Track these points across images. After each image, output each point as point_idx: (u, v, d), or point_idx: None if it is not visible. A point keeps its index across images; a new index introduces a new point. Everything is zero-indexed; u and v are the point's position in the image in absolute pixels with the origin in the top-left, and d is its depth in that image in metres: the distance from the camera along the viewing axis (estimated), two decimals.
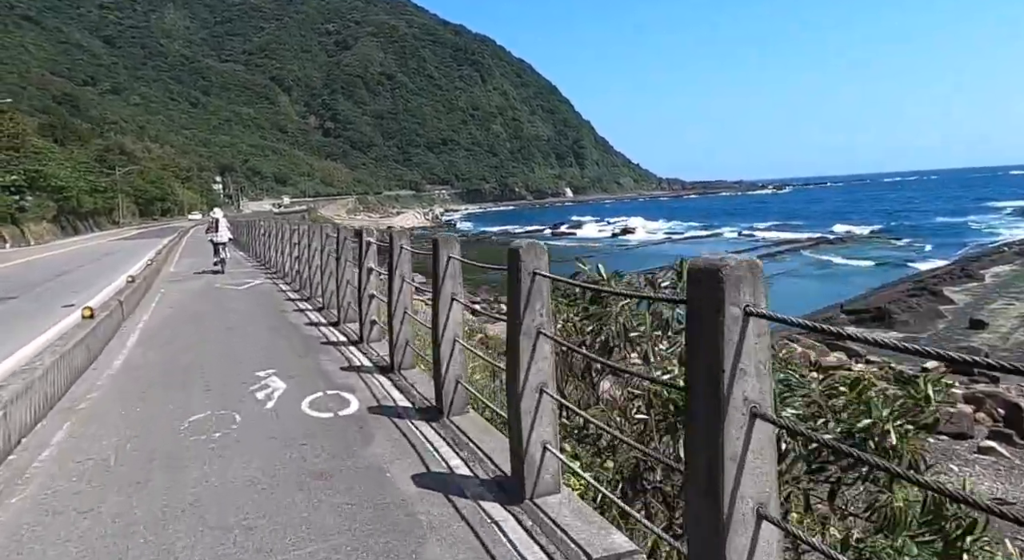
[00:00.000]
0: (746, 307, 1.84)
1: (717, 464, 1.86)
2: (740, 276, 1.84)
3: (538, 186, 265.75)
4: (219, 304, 11.41)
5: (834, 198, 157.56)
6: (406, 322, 5.93)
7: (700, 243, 55.84)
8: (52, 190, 37.01)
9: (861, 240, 52.39)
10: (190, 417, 4.89)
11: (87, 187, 45.16)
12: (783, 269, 36.73)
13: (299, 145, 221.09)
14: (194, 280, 15.24)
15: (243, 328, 8.94)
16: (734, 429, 1.85)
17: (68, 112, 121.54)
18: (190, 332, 8.75)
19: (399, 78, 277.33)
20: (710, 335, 1.86)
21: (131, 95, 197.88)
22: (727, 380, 1.83)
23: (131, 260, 20.22)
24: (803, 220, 79.44)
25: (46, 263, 21.59)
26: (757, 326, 1.86)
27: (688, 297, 1.95)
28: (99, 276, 16.75)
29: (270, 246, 17.57)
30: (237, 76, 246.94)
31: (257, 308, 10.89)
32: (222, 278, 15.31)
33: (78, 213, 45.57)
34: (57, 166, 41.48)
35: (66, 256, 24.67)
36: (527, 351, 3.14)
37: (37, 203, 34.75)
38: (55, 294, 13.61)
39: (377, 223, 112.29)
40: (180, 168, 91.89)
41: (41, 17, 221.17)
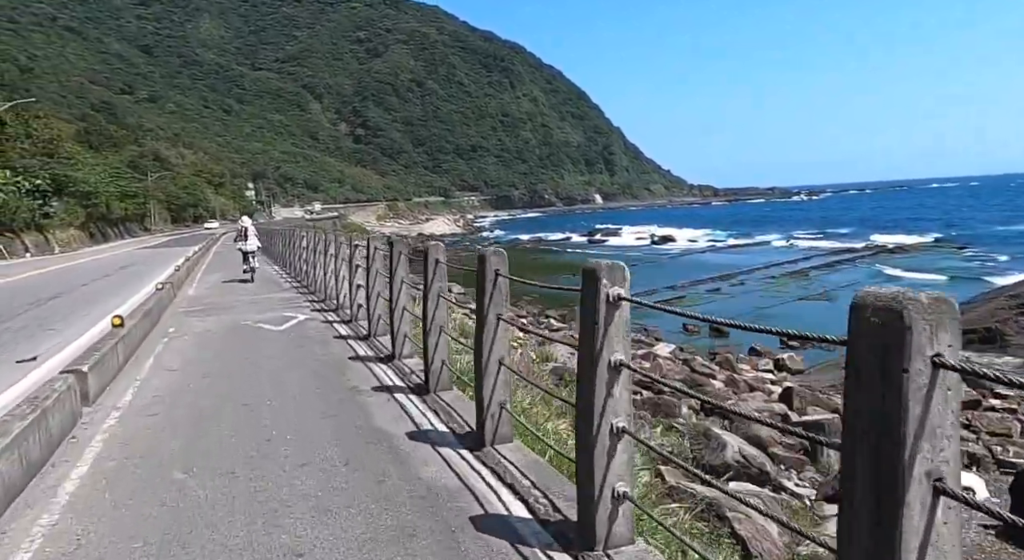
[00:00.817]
0: (936, 357, 1.48)
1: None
2: (932, 317, 1.48)
3: (567, 192, 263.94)
4: (248, 363, 7.47)
5: (875, 205, 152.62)
6: (441, 340, 5.58)
7: (746, 252, 53.16)
8: (80, 195, 35.96)
9: (922, 250, 49.25)
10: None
11: (117, 192, 44.22)
12: (847, 281, 34.09)
13: (330, 152, 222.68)
14: (216, 313, 11.26)
15: (292, 432, 4.95)
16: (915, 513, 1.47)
17: (106, 119, 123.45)
18: (191, 451, 4.61)
19: (429, 85, 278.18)
20: (883, 394, 1.49)
21: (167, 103, 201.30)
22: (907, 452, 1.47)
23: (144, 278, 17.31)
24: (848, 227, 76.12)
25: (49, 278, 18.75)
26: (947, 380, 1.50)
27: (850, 342, 1.55)
28: (95, 302, 13.24)
29: (316, 264, 13.46)
30: (270, 84, 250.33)
31: (310, 378, 6.66)
32: (254, 311, 11.14)
33: (108, 219, 44.54)
34: (89, 171, 40.72)
35: (77, 269, 22.19)
36: (603, 387, 2.83)
37: (64, 209, 33.62)
38: (22, 333, 9.90)
39: (407, 229, 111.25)
40: (213, 174, 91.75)
41: (83, 28, 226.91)
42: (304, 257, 15.27)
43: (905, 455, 1.47)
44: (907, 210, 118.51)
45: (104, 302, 13.19)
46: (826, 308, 27.31)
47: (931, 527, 1.50)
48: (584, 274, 2.82)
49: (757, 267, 40.33)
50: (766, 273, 37.96)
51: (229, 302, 12.51)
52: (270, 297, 13.36)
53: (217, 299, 13.04)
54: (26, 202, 29.04)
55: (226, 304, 12.33)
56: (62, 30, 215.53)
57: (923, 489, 1.48)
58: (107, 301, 13.34)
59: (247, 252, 16.39)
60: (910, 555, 1.49)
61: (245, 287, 15.03)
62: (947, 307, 1.51)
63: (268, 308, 11.69)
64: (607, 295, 2.75)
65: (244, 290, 14.57)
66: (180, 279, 15.33)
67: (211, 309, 11.76)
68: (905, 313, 1.45)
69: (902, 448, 1.47)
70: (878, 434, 1.50)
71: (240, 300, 12.54)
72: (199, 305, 12.40)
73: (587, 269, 2.80)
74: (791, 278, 35.85)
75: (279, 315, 10.84)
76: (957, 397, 1.52)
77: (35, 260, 26.99)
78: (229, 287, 15.32)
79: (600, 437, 2.87)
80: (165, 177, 64.29)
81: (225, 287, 15.37)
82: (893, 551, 1.49)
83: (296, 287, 15.16)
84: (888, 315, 1.47)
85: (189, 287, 15.66)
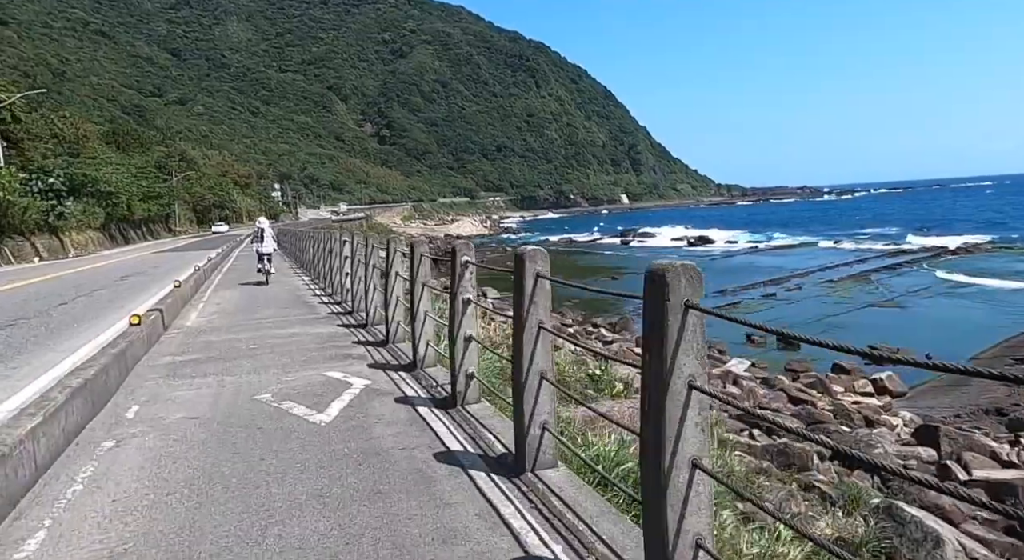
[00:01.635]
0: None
1: None
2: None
3: (593, 193, 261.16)
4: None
5: (912, 204, 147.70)
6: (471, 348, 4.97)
7: (792, 254, 50.31)
8: (100, 195, 34.55)
9: (984, 251, 46.06)
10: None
11: (139, 192, 42.83)
12: (915, 286, 31.42)
13: (355, 153, 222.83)
14: (214, 369, 7.02)
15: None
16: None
17: (135, 122, 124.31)
18: None
19: (454, 85, 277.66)
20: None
21: (195, 105, 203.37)
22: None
23: (140, 294, 14.31)
24: (892, 226, 72.62)
25: (27, 293, 15.19)
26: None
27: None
28: (62, 332, 9.55)
29: (369, 287, 9.27)
30: (296, 85, 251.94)
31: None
32: (276, 368, 6.99)
33: (130, 220, 43.15)
34: (112, 170, 39.47)
35: (76, 277, 19.49)
36: (676, 410, 2.34)
37: (82, 210, 32.10)
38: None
39: (433, 230, 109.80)
40: (239, 175, 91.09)
41: (114, 32, 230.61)
42: (347, 271, 11.34)
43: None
44: (948, 209, 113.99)
45: (76, 331, 9.47)
46: (899, 316, 24.79)
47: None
48: (650, 277, 2.36)
49: (810, 270, 37.70)
50: (822, 276, 35.34)
51: (239, 344, 8.28)
52: (302, 333, 8.82)
53: (224, 336, 8.93)
54: (37, 202, 27.40)
55: (235, 348, 8.09)
56: (94, 34, 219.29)
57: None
58: (77, 333, 9.38)
59: (263, 254, 16.13)
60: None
61: (267, 315, 10.81)
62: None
63: (300, 357, 7.38)
64: (679, 302, 2.31)
65: (264, 319, 10.32)
66: (178, 302, 11.58)
67: (209, 361, 7.40)
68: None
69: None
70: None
71: (257, 339, 8.61)
72: (194, 348, 8.15)
73: (654, 271, 2.34)
74: (852, 282, 33.23)
75: (318, 378, 6.36)
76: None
77: (41, 266, 24.78)
78: (245, 310, 11.37)
79: (674, 472, 2.35)
80: (191, 177, 63.15)
81: (239, 312, 11.31)
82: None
83: (336, 312, 10.87)
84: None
85: (192, 311, 11.72)
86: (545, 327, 3.66)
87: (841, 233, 65.67)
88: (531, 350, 3.66)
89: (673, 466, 2.35)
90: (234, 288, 15.66)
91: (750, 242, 61.86)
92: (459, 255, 4.88)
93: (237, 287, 15.84)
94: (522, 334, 3.67)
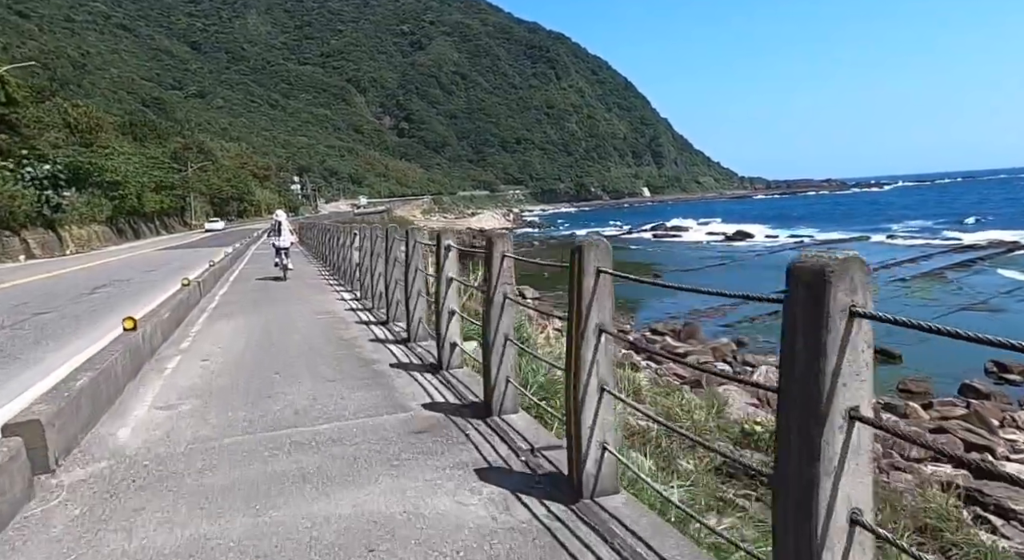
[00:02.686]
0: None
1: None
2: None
3: (614, 186, 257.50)
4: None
5: (948, 196, 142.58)
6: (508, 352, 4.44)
7: (842, 250, 46.88)
8: (107, 186, 32.10)
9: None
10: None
11: (150, 183, 40.37)
12: (1002, 286, 28.21)
13: (374, 145, 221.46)
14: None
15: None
16: None
17: (155, 115, 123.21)
18: None
19: (473, 77, 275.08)
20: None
21: (214, 98, 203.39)
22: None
23: (117, 309, 10.70)
24: (939, 220, 68.82)
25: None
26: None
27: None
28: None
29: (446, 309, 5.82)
30: (315, 78, 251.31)
31: None
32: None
33: (141, 213, 40.71)
34: (123, 160, 37.17)
35: (40, 286, 15.65)
36: (835, 446, 1.81)
37: (86, 201, 29.58)
38: None
39: (454, 224, 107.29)
40: (258, 166, 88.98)
41: (134, 25, 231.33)
42: (411, 289, 7.17)
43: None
44: (992, 202, 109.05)
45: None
46: (1002, 321, 21.71)
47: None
48: (798, 274, 1.83)
49: (873, 267, 34.42)
50: (890, 275, 32.19)
51: (245, 459, 3.95)
52: (355, 432, 4.37)
53: (216, 421, 4.73)
54: (29, 192, 24.70)
55: (231, 474, 3.74)
56: (115, 28, 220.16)
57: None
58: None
59: (281, 248, 15.72)
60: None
61: (294, 403, 5.19)
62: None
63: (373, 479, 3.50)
64: (842, 308, 1.78)
65: (288, 389, 5.57)
66: (153, 338, 7.39)
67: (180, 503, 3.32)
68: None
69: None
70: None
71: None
72: (155, 472, 3.81)
73: (809, 267, 1.82)
74: (928, 281, 30.05)
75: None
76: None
77: (24, 266, 21.47)
78: (246, 387, 5.72)
79: (831, 530, 1.84)
80: (207, 168, 60.82)
81: (234, 392, 5.56)
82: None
83: (406, 357, 6.63)
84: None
85: (173, 354, 7.25)
86: (608, 331, 3.18)
87: (896, 227, 62.07)
88: (591, 356, 3.16)
89: (833, 519, 1.83)
90: (240, 314, 10.11)
91: (793, 237, 58.46)
92: (496, 247, 4.41)
93: (245, 312, 10.33)
94: (579, 339, 3.16)
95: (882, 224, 67.96)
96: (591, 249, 3.11)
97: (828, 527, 1.83)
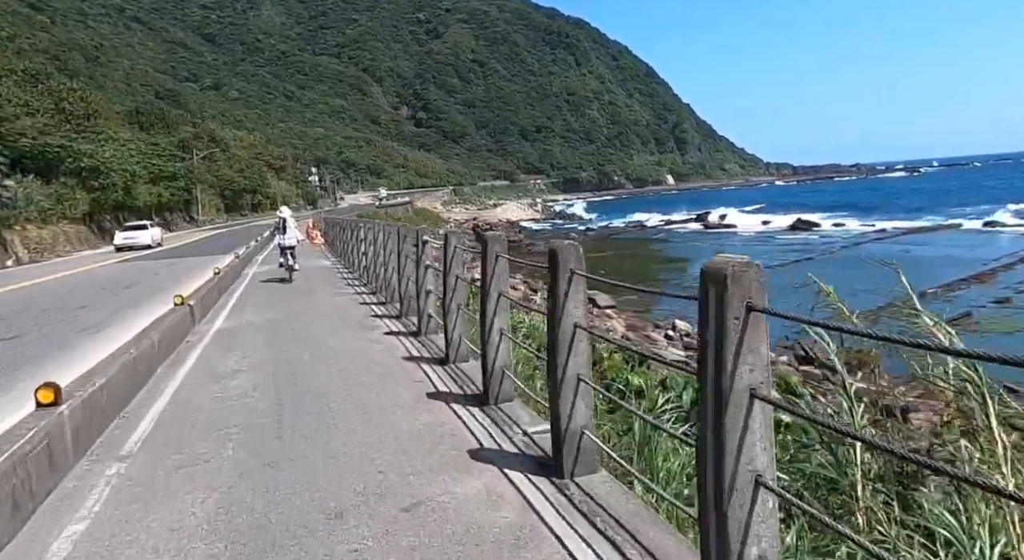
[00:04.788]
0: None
1: None
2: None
3: (637, 174, 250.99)
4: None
5: (991, 179, 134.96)
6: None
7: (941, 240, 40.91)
8: (85, 175, 26.54)
9: None
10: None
11: (143, 173, 34.72)
12: None
13: (392, 136, 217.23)
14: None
15: None
16: None
17: (170, 107, 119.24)
18: None
19: (491, 65, 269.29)
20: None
21: (229, 90, 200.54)
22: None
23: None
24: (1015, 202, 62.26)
25: None
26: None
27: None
28: None
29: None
30: (330, 68, 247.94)
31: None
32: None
33: (132, 208, 34.40)
34: (116, 147, 31.99)
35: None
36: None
37: (53, 194, 23.94)
38: None
39: (477, 216, 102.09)
40: (273, 157, 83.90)
41: (148, 18, 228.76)
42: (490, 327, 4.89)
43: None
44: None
45: None
46: None
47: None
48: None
49: (1008, 261, 28.80)
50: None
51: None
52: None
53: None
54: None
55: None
56: (129, 20, 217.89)
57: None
58: None
59: (286, 247, 15.14)
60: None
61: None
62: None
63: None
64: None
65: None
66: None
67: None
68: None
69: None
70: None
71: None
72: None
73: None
74: None
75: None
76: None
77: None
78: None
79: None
80: (216, 157, 55.33)
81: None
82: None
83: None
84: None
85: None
86: (761, 398, 2.50)
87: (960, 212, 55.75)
88: (729, 430, 2.62)
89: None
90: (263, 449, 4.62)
91: (864, 224, 52.29)
92: (562, 260, 3.52)
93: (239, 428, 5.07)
94: (720, 405, 2.48)
95: (952, 209, 61.57)
96: (736, 277, 2.67)
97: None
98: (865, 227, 50.61)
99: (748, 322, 2.11)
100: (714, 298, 2.13)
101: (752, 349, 2.11)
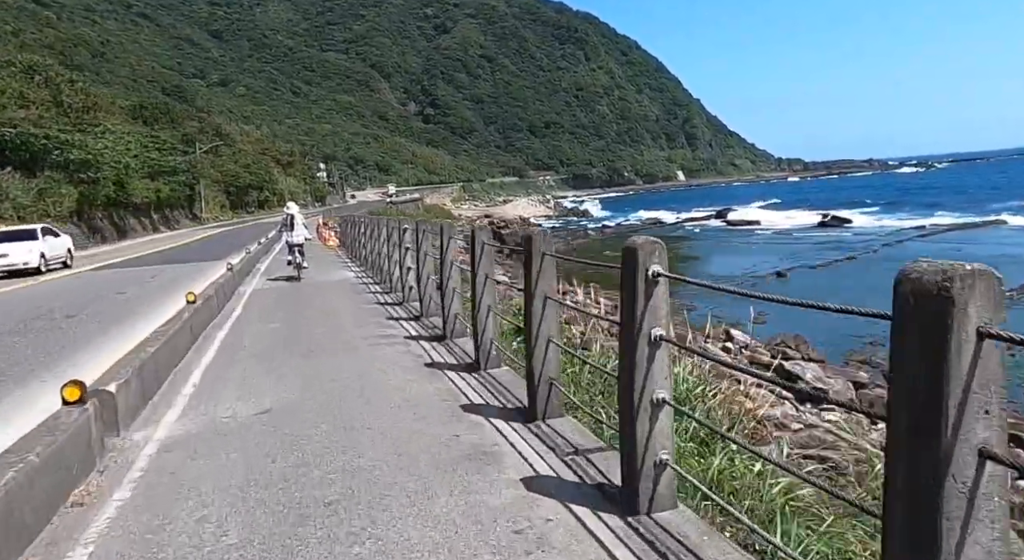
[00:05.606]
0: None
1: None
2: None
3: (648, 169, 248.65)
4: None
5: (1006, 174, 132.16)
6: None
7: (990, 237, 38.43)
8: (73, 168, 24.31)
9: None
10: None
11: (139, 167, 32.45)
12: None
13: (400, 132, 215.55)
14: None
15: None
16: None
17: (177, 103, 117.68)
18: None
19: (499, 60, 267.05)
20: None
21: (237, 86, 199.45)
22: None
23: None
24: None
25: None
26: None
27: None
28: None
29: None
30: (338, 64, 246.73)
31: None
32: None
33: (128, 205, 32.32)
34: (112, 140, 29.83)
35: None
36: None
37: (34, 189, 21.50)
38: None
39: (488, 213, 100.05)
40: (281, 153, 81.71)
41: (156, 14, 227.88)
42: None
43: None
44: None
45: None
46: None
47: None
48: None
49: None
50: None
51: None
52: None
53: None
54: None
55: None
56: (136, 16, 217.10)
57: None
58: None
59: (294, 245, 14.73)
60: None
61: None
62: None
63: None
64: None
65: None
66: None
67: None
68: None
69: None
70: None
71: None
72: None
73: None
74: None
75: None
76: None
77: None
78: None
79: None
80: (221, 151, 53.15)
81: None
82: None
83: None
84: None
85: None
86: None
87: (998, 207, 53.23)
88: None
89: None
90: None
91: (900, 221, 49.80)
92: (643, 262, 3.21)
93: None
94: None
95: (990, 204, 58.95)
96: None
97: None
98: (902, 223, 48.10)
99: (981, 351, 1.48)
100: (927, 319, 1.51)
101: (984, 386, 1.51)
